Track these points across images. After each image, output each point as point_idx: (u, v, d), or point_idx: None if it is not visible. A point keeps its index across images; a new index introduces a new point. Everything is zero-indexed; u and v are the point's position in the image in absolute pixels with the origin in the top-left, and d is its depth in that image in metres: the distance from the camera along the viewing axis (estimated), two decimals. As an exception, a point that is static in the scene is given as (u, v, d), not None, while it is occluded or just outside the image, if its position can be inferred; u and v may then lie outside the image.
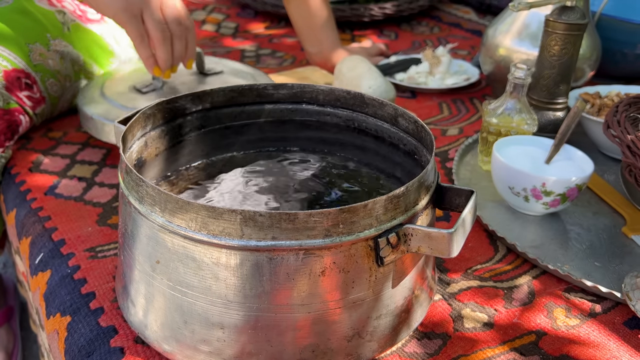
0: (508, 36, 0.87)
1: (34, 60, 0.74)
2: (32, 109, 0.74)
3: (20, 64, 0.72)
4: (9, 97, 0.70)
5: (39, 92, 0.74)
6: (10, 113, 0.71)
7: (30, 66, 0.73)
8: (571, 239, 0.61)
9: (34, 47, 0.74)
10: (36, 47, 0.74)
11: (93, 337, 0.48)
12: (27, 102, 0.73)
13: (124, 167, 0.45)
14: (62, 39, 0.78)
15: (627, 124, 0.60)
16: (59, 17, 0.78)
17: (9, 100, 0.70)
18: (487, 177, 0.71)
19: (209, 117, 0.59)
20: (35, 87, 0.73)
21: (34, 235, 0.62)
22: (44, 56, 0.75)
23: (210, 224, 0.39)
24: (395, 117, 0.56)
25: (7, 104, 0.70)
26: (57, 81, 0.77)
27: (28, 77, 0.72)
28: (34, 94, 0.74)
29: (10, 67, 0.70)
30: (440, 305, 0.53)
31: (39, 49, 0.74)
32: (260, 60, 1.12)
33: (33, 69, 0.74)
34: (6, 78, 0.70)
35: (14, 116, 0.72)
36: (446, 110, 0.91)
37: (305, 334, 0.42)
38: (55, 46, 0.77)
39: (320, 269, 0.40)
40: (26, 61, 0.73)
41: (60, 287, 0.55)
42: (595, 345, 0.49)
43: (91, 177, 0.71)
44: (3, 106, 0.70)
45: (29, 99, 0.73)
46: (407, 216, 0.42)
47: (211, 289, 0.41)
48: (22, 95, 0.72)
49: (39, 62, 0.74)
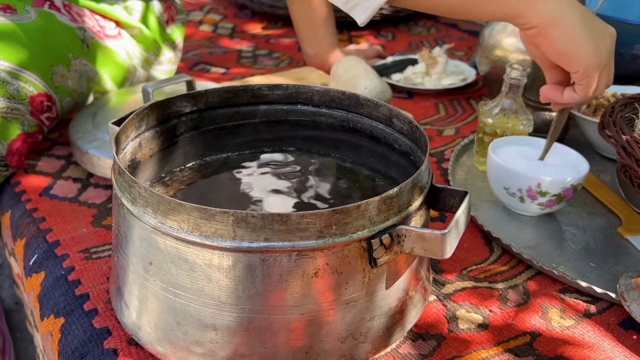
0: (504, 37, 0.87)
1: (56, 82, 0.74)
2: (47, 127, 0.75)
3: (44, 88, 0.72)
4: (32, 122, 0.71)
5: (55, 112, 0.75)
6: (32, 135, 0.72)
7: (52, 88, 0.73)
8: (566, 239, 0.61)
9: (57, 69, 0.74)
10: (59, 69, 0.74)
11: (87, 339, 0.48)
12: (45, 122, 0.74)
13: (116, 168, 0.45)
14: (82, 57, 0.78)
15: (622, 125, 0.59)
16: (79, 34, 0.78)
17: (32, 124, 0.71)
18: (483, 177, 0.71)
19: (204, 118, 0.59)
20: (54, 107, 0.74)
21: (29, 236, 0.62)
22: (64, 77, 0.75)
23: (202, 225, 0.39)
24: (390, 118, 0.56)
25: (30, 127, 0.71)
26: (72, 99, 0.77)
27: (49, 99, 0.72)
28: (52, 114, 0.74)
29: (36, 92, 0.71)
30: (434, 306, 0.53)
31: (61, 70, 0.74)
32: (257, 61, 1.12)
33: (54, 90, 0.74)
34: (31, 103, 0.70)
35: (35, 137, 0.73)
36: (442, 111, 0.91)
37: (298, 335, 0.42)
38: (75, 66, 0.77)
39: (313, 271, 0.40)
40: (49, 84, 0.73)
41: (54, 288, 0.54)
42: (589, 346, 0.49)
43: (86, 178, 0.71)
44: (27, 130, 0.70)
45: (47, 120, 0.74)
46: (400, 217, 0.42)
47: (204, 291, 0.40)
48: (43, 117, 0.73)
49: (60, 83, 0.74)
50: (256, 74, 1.03)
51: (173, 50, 0.94)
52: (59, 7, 0.77)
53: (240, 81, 0.97)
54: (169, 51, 0.93)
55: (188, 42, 1.20)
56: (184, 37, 1.22)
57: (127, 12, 0.85)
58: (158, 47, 0.90)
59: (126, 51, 0.85)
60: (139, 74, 0.89)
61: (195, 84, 0.70)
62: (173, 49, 0.94)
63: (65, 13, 0.78)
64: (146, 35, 0.87)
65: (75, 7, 0.80)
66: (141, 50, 0.87)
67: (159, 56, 0.91)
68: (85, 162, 0.70)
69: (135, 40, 0.87)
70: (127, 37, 0.85)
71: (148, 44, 0.88)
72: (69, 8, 0.79)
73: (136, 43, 0.87)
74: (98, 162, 0.69)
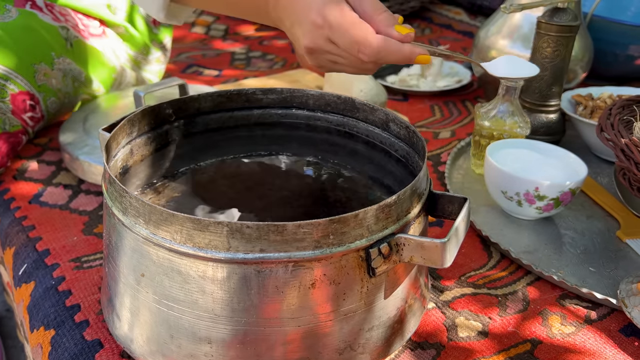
0: (500, 38, 0.87)
1: (39, 80, 0.72)
2: (32, 128, 0.74)
3: (26, 86, 0.71)
4: (14, 121, 0.70)
5: (40, 112, 0.73)
6: (15, 135, 0.70)
7: (35, 87, 0.72)
8: (565, 243, 0.61)
9: (39, 67, 0.73)
10: (41, 67, 0.73)
11: (78, 352, 0.47)
12: (29, 122, 0.72)
13: (107, 177, 0.43)
14: (65, 56, 0.77)
15: (620, 127, 0.59)
16: (62, 33, 0.77)
17: (14, 123, 0.69)
18: (480, 180, 0.70)
19: (197, 122, 0.58)
20: (37, 107, 0.72)
21: (18, 245, 0.61)
22: (48, 76, 0.73)
23: (195, 236, 0.38)
24: (386, 122, 0.55)
25: (12, 126, 0.69)
26: (57, 99, 0.76)
27: (32, 98, 0.71)
28: (36, 114, 0.73)
29: (17, 90, 0.69)
30: (433, 313, 0.52)
31: (43, 68, 0.73)
32: (251, 62, 1.10)
33: (37, 89, 0.72)
34: (13, 102, 0.69)
35: (18, 137, 0.71)
36: (438, 113, 0.90)
37: (295, 347, 0.41)
38: (59, 64, 0.76)
39: (310, 281, 0.39)
40: (32, 82, 0.72)
41: (44, 299, 0.53)
42: (591, 353, 0.48)
43: (77, 185, 0.69)
44: (9, 129, 0.69)
45: (31, 120, 0.72)
46: (399, 225, 0.41)
47: (198, 303, 0.39)
48: (26, 117, 0.71)
49: (43, 82, 0.73)
50: (250, 76, 1.02)
51: (161, 49, 0.92)
52: (40, 6, 0.76)
53: (234, 84, 0.96)
54: (157, 50, 0.91)
55: (180, 44, 1.19)
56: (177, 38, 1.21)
57: (110, 10, 0.84)
58: (146, 46, 0.89)
59: (112, 50, 0.84)
60: (127, 75, 0.87)
61: (188, 87, 0.69)
62: (161, 49, 0.92)
63: (47, 12, 0.77)
64: (132, 34, 0.86)
65: (58, 7, 0.79)
66: (128, 49, 0.86)
67: (147, 55, 0.90)
68: (76, 169, 0.69)
69: (122, 38, 0.85)
70: (113, 35, 0.84)
71: (135, 43, 0.87)
72: (51, 7, 0.78)
73: (122, 41, 0.85)
74: (89, 168, 0.67)
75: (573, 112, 0.79)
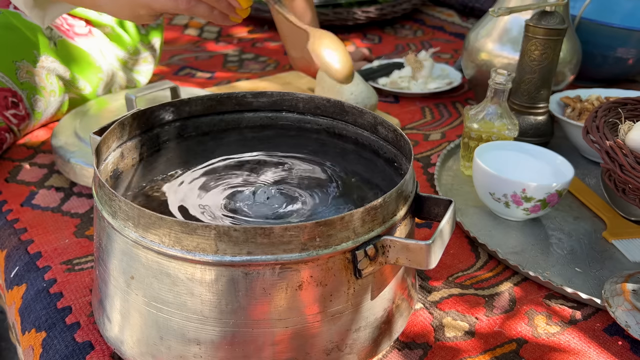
0: (489, 41, 0.87)
1: (21, 78, 0.73)
2: (16, 126, 0.74)
3: (8, 83, 0.71)
4: None
5: (24, 110, 0.74)
6: None
7: (17, 84, 0.72)
8: (552, 244, 0.61)
9: (21, 64, 0.73)
10: (23, 65, 0.73)
11: (69, 354, 0.48)
12: (12, 120, 0.72)
13: (97, 181, 0.44)
14: (49, 54, 0.77)
15: (605, 130, 0.60)
16: (45, 32, 0.77)
17: None
18: (469, 182, 0.71)
19: (187, 126, 0.58)
20: (21, 104, 0.73)
21: (10, 248, 0.61)
22: (30, 73, 0.74)
23: (184, 239, 0.38)
24: (374, 126, 0.56)
25: None
26: (42, 97, 0.76)
27: (15, 95, 0.71)
28: (20, 111, 0.73)
29: None
30: (421, 314, 0.52)
31: (26, 66, 0.74)
32: (244, 65, 1.11)
33: (20, 87, 0.73)
34: None
35: (1, 135, 0.71)
36: (429, 115, 0.91)
37: (283, 348, 0.41)
38: (42, 62, 0.76)
39: (297, 283, 0.39)
40: (13, 80, 0.72)
41: (35, 301, 0.54)
42: (575, 352, 0.49)
43: (69, 187, 0.70)
44: None
45: (14, 117, 0.72)
46: (385, 227, 0.42)
47: (186, 305, 0.40)
48: (9, 114, 0.72)
49: (25, 79, 0.73)
50: (242, 78, 1.03)
51: (149, 50, 0.93)
52: None
53: (227, 86, 0.96)
54: (145, 51, 0.92)
55: (173, 47, 1.19)
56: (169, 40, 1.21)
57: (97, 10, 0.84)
58: (134, 46, 0.89)
59: (99, 50, 0.84)
60: (117, 78, 0.88)
61: (180, 90, 0.70)
62: (149, 49, 0.93)
63: None
64: (119, 34, 0.86)
65: None
66: (116, 49, 0.86)
67: (136, 55, 0.90)
68: (68, 171, 0.69)
69: (109, 38, 0.86)
70: (100, 35, 0.85)
71: (122, 43, 0.87)
72: None
73: (109, 41, 0.86)
74: (81, 171, 0.68)
75: (561, 114, 0.80)
